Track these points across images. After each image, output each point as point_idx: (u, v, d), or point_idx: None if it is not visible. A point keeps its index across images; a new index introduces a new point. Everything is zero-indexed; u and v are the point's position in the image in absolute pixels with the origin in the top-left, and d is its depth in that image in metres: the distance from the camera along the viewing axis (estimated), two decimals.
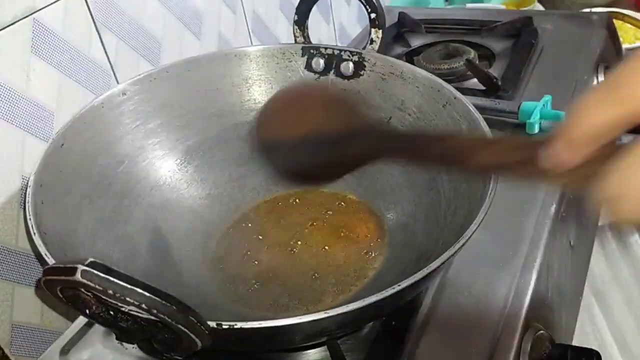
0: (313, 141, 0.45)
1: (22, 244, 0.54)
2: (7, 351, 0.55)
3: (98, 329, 0.52)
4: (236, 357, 0.47)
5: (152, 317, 0.32)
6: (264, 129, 0.50)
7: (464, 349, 0.47)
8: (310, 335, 0.37)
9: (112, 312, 0.34)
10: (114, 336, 0.51)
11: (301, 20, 0.61)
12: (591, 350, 0.46)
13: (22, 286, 0.55)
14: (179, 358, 0.33)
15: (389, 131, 0.42)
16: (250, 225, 0.57)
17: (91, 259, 0.28)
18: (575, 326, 0.62)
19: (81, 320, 0.53)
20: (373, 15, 0.57)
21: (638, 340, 0.67)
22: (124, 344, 0.50)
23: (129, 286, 0.27)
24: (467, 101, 0.50)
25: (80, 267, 0.27)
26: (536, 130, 0.67)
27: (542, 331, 0.49)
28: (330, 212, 0.57)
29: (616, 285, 0.71)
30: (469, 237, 0.38)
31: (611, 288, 0.71)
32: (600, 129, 0.25)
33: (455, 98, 0.51)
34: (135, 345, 0.49)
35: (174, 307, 0.28)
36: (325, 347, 0.47)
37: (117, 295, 0.27)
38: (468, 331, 0.48)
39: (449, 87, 0.52)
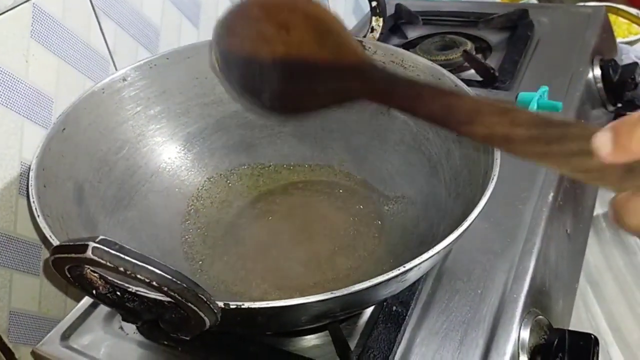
0: (286, 67, 0.40)
1: (20, 230, 0.54)
2: (4, 338, 0.55)
3: (98, 314, 0.52)
4: (239, 342, 0.47)
5: (160, 297, 0.32)
6: (230, 36, 0.44)
7: (463, 334, 0.47)
8: (316, 316, 0.37)
9: (118, 293, 0.34)
10: (114, 322, 0.51)
11: None
12: (589, 334, 0.47)
13: (20, 273, 0.55)
14: (186, 338, 0.33)
15: (382, 72, 0.37)
16: (252, 210, 0.57)
17: (102, 237, 0.28)
18: (571, 313, 0.63)
19: (81, 305, 0.53)
20: (374, 3, 0.57)
21: (632, 328, 0.68)
22: (125, 329, 0.50)
23: (140, 263, 0.27)
24: (468, 88, 0.50)
25: (92, 244, 0.27)
26: None
27: (540, 316, 0.49)
28: (331, 199, 0.57)
29: (611, 273, 0.72)
30: (475, 219, 0.38)
31: (606, 276, 0.71)
32: None
33: (455, 85, 0.51)
34: (136, 330, 0.50)
35: (184, 285, 0.29)
36: (326, 332, 0.47)
37: (128, 272, 0.27)
38: (468, 317, 0.49)
39: (450, 75, 0.52)
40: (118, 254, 0.27)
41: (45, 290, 0.58)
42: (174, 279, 0.28)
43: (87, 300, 0.54)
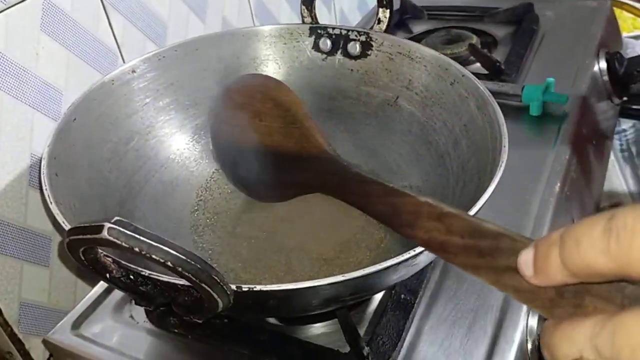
0: (260, 155, 0.44)
1: (30, 222, 0.54)
2: (15, 329, 0.55)
3: (109, 303, 0.53)
4: (248, 330, 0.48)
5: (174, 280, 0.32)
6: (218, 125, 0.49)
7: (472, 322, 0.48)
8: (326, 300, 0.37)
9: (132, 277, 0.34)
10: (124, 310, 0.52)
11: (309, 0, 0.61)
12: None
13: (31, 264, 0.55)
14: (199, 321, 0.34)
15: (338, 165, 0.38)
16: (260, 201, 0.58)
17: (117, 217, 0.28)
18: None
19: (92, 295, 0.54)
20: None
21: None
22: (135, 317, 0.51)
23: (155, 244, 0.28)
24: (475, 78, 0.50)
25: (107, 225, 0.28)
26: (540, 112, 0.68)
27: None
28: None
29: None
30: (483, 205, 0.38)
31: None
32: (593, 272, 0.21)
33: (463, 75, 0.51)
34: (146, 319, 0.50)
35: (198, 266, 0.29)
36: (335, 319, 0.48)
37: (144, 252, 0.28)
38: (476, 304, 0.49)
39: (457, 65, 0.52)
40: (133, 234, 0.28)
41: (55, 282, 0.58)
42: (189, 260, 0.29)
43: (97, 290, 0.55)
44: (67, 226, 0.37)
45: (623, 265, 0.20)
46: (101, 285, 0.55)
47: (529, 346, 0.47)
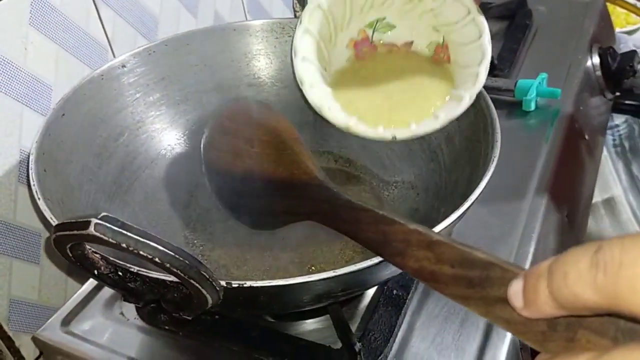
0: (251, 182, 0.44)
1: (20, 218, 0.54)
2: (5, 326, 0.55)
3: (99, 300, 0.52)
4: (239, 327, 0.48)
5: (162, 276, 0.32)
6: (211, 151, 0.50)
7: (464, 317, 0.48)
8: (318, 296, 0.37)
9: (120, 273, 0.34)
10: (115, 307, 0.51)
11: None
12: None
13: (20, 261, 0.55)
14: (188, 318, 0.33)
15: (327, 192, 0.38)
16: None
17: (104, 213, 0.28)
18: None
19: (82, 292, 0.53)
20: None
21: None
22: (125, 314, 0.50)
23: (142, 239, 0.27)
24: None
25: (94, 220, 0.27)
26: (532, 107, 0.68)
27: None
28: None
29: None
30: (475, 199, 0.38)
31: None
32: (582, 305, 0.20)
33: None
34: (136, 316, 0.50)
35: (187, 262, 0.29)
36: (327, 315, 0.48)
37: (131, 248, 0.27)
38: None
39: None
40: (121, 230, 0.27)
41: (45, 279, 0.58)
42: (177, 256, 0.28)
43: (87, 287, 0.54)
44: (54, 222, 0.36)
45: (611, 299, 0.19)
46: (91, 282, 0.55)
47: (521, 341, 0.47)
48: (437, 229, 0.36)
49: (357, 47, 0.51)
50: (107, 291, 0.53)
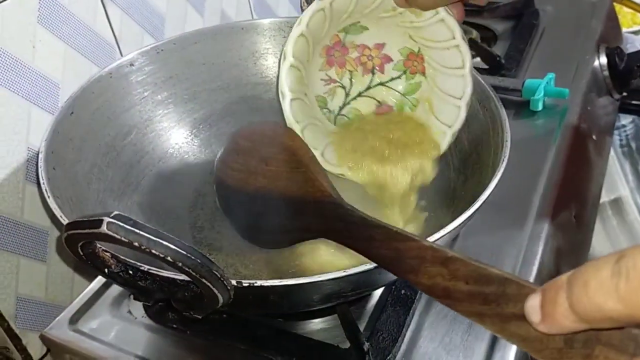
0: (264, 200, 0.44)
1: (27, 216, 0.54)
2: (12, 324, 0.55)
3: (106, 299, 0.52)
4: (247, 326, 0.48)
5: (173, 275, 0.32)
6: (223, 169, 0.50)
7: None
8: (327, 296, 0.37)
9: (130, 272, 0.34)
10: (122, 306, 0.51)
11: None
12: None
13: (27, 259, 0.55)
14: (198, 317, 0.33)
15: (341, 209, 0.38)
16: None
17: (116, 212, 0.28)
18: None
19: (89, 290, 0.53)
20: None
21: None
22: (133, 313, 0.50)
23: (154, 238, 0.27)
24: (477, 73, 0.50)
25: (107, 219, 0.27)
26: (540, 107, 0.68)
27: None
28: None
29: None
30: (484, 201, 0.38)
31: None
32: (603, 316, 0.20)
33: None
34: (144, 314, 0.50)
35: (199, 261, 0.28)
36: (334, 315, 0.47)
37: (143, 247, 0.27)
38: None
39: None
40: (133, 228, 0.27)
41: (52, 277, 0.58)
42: (189, 255, 0.28)
43: (94, 285, 0.54)
44: (64, 220, 0.36)
45: (634, 308, 0.19)
46: (99, 281, 0.55)
47: None
48: (447, 229, 0.36)
49: (328, 52, 0.51)
50: (114, 290, 0.53)
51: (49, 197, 0.39)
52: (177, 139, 0.58)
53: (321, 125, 0.51)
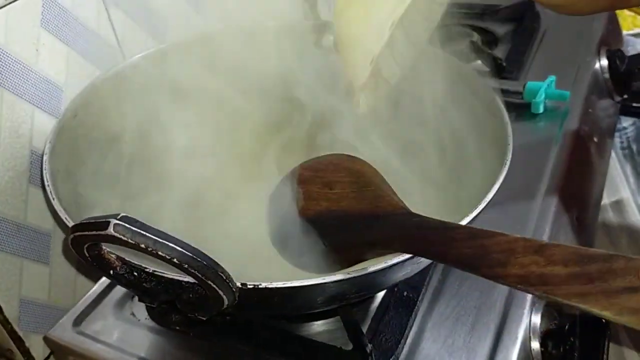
0: (325, 222, 0.43)
1: (31, 219, 0.54)
2: (15, 326, 0.55)
3: (110, 301, 0.53)
4: (250, 327, 0.48)
5: (178, 277, 0.32)
6: (273, 203, 0.49)
7: (475, 319, 0.48)
8: (331, 297, 0.37)
9: (136, 273, 0.34)
10: (126, 308, 0.51)
11: None
12: (600, 319, 0.47)
13: (31, 261, 0.55)
14: (203, 318, 0.34)
15: (416, 217, 0.37)
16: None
17: (123, 214, 0.28)
18: None
19: (92, 292, 0.53)
20: None
21: None
22: (136, 315, 0.51)
23: (161, 240, 0.28)
24: (480, 76, 0.50)
25: (113, 221, 0.27)
26: (541, 109, 0.68)
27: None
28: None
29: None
30: (486, 205, 0.38)
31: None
32: None
33: (467, 73, 0.51)
34: (147, 316, 0.50)
35: (205, 263, 0.29)
36: (337, 317, 0.48)
37: (150, 249, 0.28)
38: (479, 302, 0.49)
39: (461, 63, 0.52)
40: (140, 230, 0.28)
41: (55, 279, 0.58)
42: (195, 257, 0.28)
43: (97, 287, 0.54)
44: (70, 223, 0.36)
45: None
46: (102, 283, 0.55)
47: (532, 343, 0.47)
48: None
49: None
50: (118, 291, 0.54)
51: (53, 199, 0.39)
52: (181, 141, 0.58)
53: None
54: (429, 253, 0.35)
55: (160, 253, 0.28)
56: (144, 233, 0.27)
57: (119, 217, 0.28)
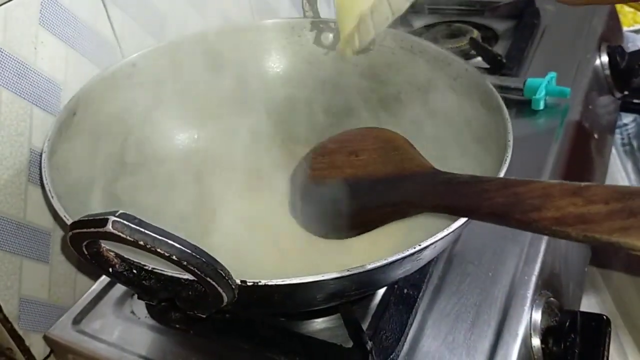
0: (351, 186, 0.43)
1: (30, 217, 0.54)
2: (15, 325, 0.55)
3: (109, 299, 0.52)
4: (250, 325, 0.48)
5: (177, 274, 0.32)
6: (299, 172, 0.50)
7: (475, 316, 0.48)
8: (331, 295, 0.37)
9: (135, 271, 0.34)
10: (125, 306, 0.51)
11: None
12: (601, 315, 0.47)
13: (30, 260, 0.55)
14: (202, 316, 0.33)
15: (445, 174, 0.37)
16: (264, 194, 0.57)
17: (122, 211, 0.28)
18: (581, 297, 0.63)
19: (92, 291, 0.53)
20: None
21: None
22: (136, 313, 0.51)
23: (160, 237, 0.28)
24: (479, 73, 0.50)
25: (112, 218, 0.27)
26: (541, 106, 0.68)
27: (551, 298, 0.49)
28: None
29: (618, 260, 0.72)
30: None
31: (614, 262, 0.72)
32: None
33: (466, 70, 0.51)
34: (147, 314, 0.50)
35: (204, 260, 0.29)
36: (337, 314, 0.48)
37: (148, 246, 0.27)
38: (479, 299, 0.49)
39: (460, 59, 0.52)
40: (138, 227, 0.27)
41: (55, 278, 0.58)
42: (194, 254, 0.28)
43: (97, 286, 0.54)
44: (69, 220, 0.36)
45: None
46: (102, 281, 0.55)
47: (533, 340, 0.47)
48: (450, 229, 0.36)
49: None
50: (117, 290, 0.54)
51: (52, 197, 0.39)
52: (180, 139, 0.58)
53: None
54: (460, 207, 0.35)
55: (159, 250, 0.28)
56: (143, 230, 0.27)
57: (117, 214, 0.28)
